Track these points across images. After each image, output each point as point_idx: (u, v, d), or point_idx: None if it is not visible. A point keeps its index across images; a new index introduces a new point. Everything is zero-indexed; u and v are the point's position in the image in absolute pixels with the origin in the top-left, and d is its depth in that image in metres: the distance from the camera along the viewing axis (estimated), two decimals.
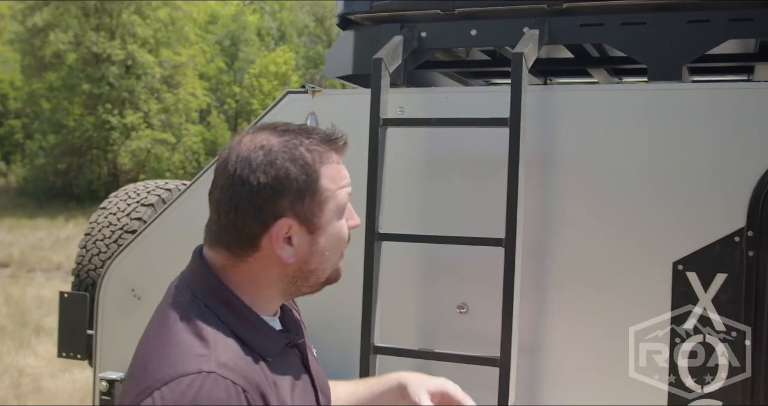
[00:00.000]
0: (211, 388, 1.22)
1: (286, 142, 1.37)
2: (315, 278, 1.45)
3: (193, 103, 26.96)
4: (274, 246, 1.37)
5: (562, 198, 2.48)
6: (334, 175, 1.43)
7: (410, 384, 1.77)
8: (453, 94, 2.64)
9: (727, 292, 2.32)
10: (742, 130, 2.31)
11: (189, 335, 1.30)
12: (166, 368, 1.25)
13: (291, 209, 1.36)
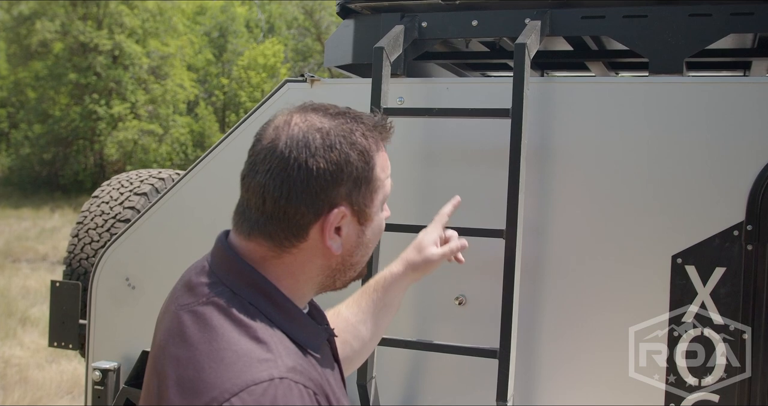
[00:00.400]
0: (286, 395, 1.15)
1: (342, 126, 1.29)
2: (352, 273, 1.38)
3: (180, 95, 26.80)
4: (325, 236, 1.29)
5: (561, 191, 2.48)
6: (384, 164, 1.36)
7: (415, 264, 1.84)
8: (453, 84, 2.64)
9: (725, 286, 2.33)
10: (742, 124, 2.32)
11: (242, 337, 1.21)
12: (232, 377, 1.16)
13: (347, 198, 1.29)
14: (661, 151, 2.39)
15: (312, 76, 2.76)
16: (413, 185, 2.63)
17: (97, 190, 3.83)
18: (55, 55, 25.62)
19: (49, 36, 25.21)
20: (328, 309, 1.79)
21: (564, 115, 2.48)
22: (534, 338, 2.50)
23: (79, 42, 25.21)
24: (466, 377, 2.56)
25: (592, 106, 2.45)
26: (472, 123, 2.55)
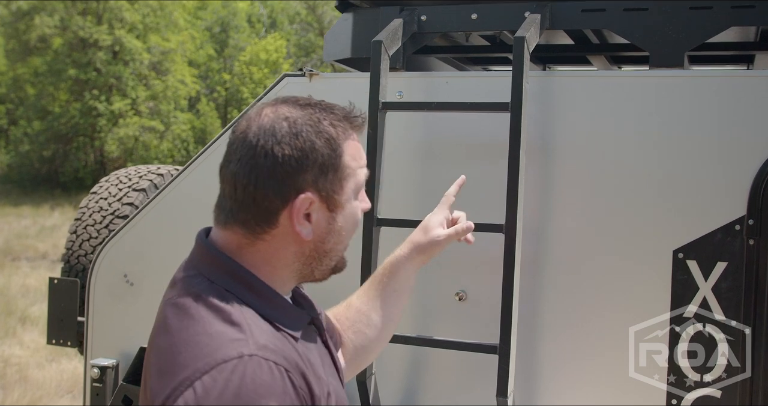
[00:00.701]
0: (255, 371, 1.20)
1: (310, 115, 1.36)
2: (329, 261, 1.43)
3: (182, 91, 26.85)
4: (294, 222, 1.35)
5: (561, 185, 2.50)
6: (355, 152, 1.41)
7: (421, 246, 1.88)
8: (453, 78, 2.66)
9: (727, 280, 2.35)
10: (744, 118, 2.33)
11: (217, 321, 1.27)
12: (203, 356, 1.22)
13: (313, 184, 1.34)
14: (662, 145, 2.40)
15: (311, 70, 2.78)
16: (413, 180, 2.65)
17: (96, 187, 3.86)
18: (55, 50, 25.67)
19: (48, 31, 25.27)
20: (343, 301, 1.87)
21: (564, 110, 2.50)
22: (535, 334, 2.51)
23: (78, 37, 25.26)
24: (467, 374, 2.58)
25: (592, 100, 2.47)
26: (473, 117, 2.57)
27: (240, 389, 1.18)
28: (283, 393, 1.21)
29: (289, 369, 1.24)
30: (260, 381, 1.19)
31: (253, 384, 1.19)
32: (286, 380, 1.23)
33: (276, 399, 1.20)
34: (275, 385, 1.21)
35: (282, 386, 1.22)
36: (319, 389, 1.31)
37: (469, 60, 3.50)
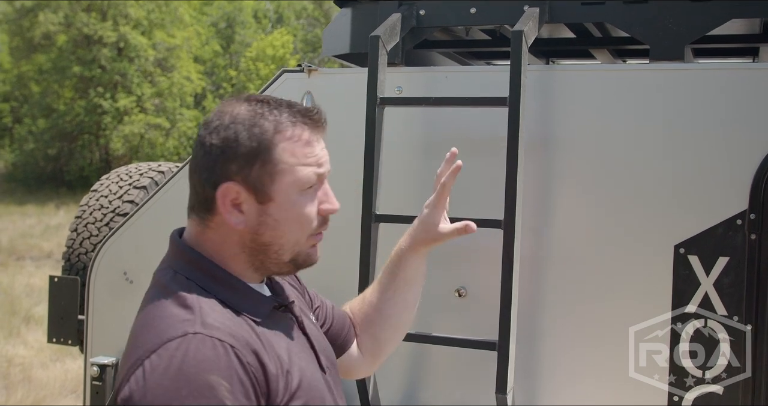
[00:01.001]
0: (198, 348, 1.28)
1: (252, 111, 1.43)
2: (275, 255, 1.47)
3: (187, 87, 26.92)
4: (222, 210, 1.42)
5: (562, 180, 2.51)
6: (296, 150, 1.44)
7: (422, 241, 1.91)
8: (452, 73, 2.68)
9: (729, 276, 2.36)
10: (745, 111, 2.34)
11: (173, 306, 1.37)
12: (154, 338, 1.32)
13: (239, 174, 1.41)
14: (663, 139, 2.41)
15: (309, 65, 2.80)
16: (412, 175, 2.67)
17: (96, 184, 3.89)
18: (59, 47, 25.78)
19: (52, 28, 25.38)
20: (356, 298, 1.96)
21: (564, 104, 2.51)
22: (535, 330, 2.53)
23: (83, 34, 25.36)
24: (468, 371, 2.60)
25: (592, 94, 2.48)
26: (473, 112, 2.58)
27: (183, 364, 1.26)
28: (228, 367, 1.28)
29: (234, 346, 1.31)
30: (202, 357, 1.27)
31: (194, 360, 1.27)
32: (231, 356, 1.29)
33: (219, 373, 1.27)
34: (219, 360, 1.28)
35: (227, 361, 1.29)
36: (276, 368, 1.37)
37: (471, 55, 3.51)
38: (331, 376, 1.59)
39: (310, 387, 1.44)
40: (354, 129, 2.57)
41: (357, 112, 2.54)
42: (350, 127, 2.60)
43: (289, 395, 1.38)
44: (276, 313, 1.50)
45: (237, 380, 1.29)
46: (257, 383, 1.32)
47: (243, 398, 1.29)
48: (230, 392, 1.27)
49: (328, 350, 1.64)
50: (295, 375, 1.41)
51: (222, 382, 1.27)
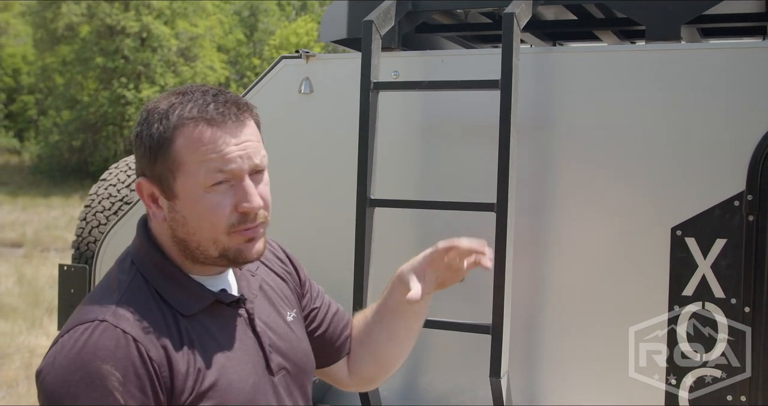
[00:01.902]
0: (100, 336, 1.33)
1: (170, 105, 1.42)
2: (198, 250, 1.46)
3: (211, 77, 27.05)
4: (145, 203, 1.48)
5: (559, 162, 2.53)
6: (197, 147, 1.41)
7: (403, 272, 1.75)
8: (449, 57, 2.70)
9: (726, 258, 2.37)
10: (742, 92, 2.35)
11: (104, 290, 1.43)
12: (74, 318, 1.39)
13: (147, 169, 1.44)
14: (659, 120, 2.43)
15: (307, 52, 2.85)
16: (411, 159, 2.71)
17: (105, 173, 3.97)
18: (82, 38, 26.03)
19: (75, 19, 25.63)
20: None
21: (560, 86, 2.53)
22: (533, 314, 2.56)
23: (105, 25, 25.57)
24: (467, 355, 2.63)
25: (588, 75, 2.50)
26: (470, 96, 2.61)
27: (82, 349, 1.32)
28: (125, 359, 1.32)
29: (138, 339, 1.34)
30: (101, 345, 1.32)
31: (94, 347, 1.32)
32: (132, 348, 1.33)
33: (113, 363, 1.31)
34: (117, 351, 1.32)
35: (125, 353, 1.32)
36: (187, 365, 1.38)
37: (476, 38, 3.53)
38: (285, 378, 1.56)
39: (230, 389, 1.42)
40: (352, 114, 2.60)
41: (355, 97, 2.58)
42: (349, 112, 2.64)
43: (197, 394, 1.38)
44: (221, 308, 1.49)
45: (132, 372, 1.32)
46: (158, 378, 1.34)
47: (136, 391, 1.31)
48: (121, 383, 1.30)
49: (293, 352, 1.60)
50: (210, 375, 1.40)
51: (114, 372, 1.30)
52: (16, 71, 31.01)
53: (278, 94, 2.90)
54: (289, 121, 2.89)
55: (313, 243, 2.84)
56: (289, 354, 1.59)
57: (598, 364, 2.50)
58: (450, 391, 2.68)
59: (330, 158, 2.82)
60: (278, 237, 2.88)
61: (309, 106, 2.86)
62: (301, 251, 2.84)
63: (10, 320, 9.04)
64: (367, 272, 2.52)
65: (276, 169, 2.88)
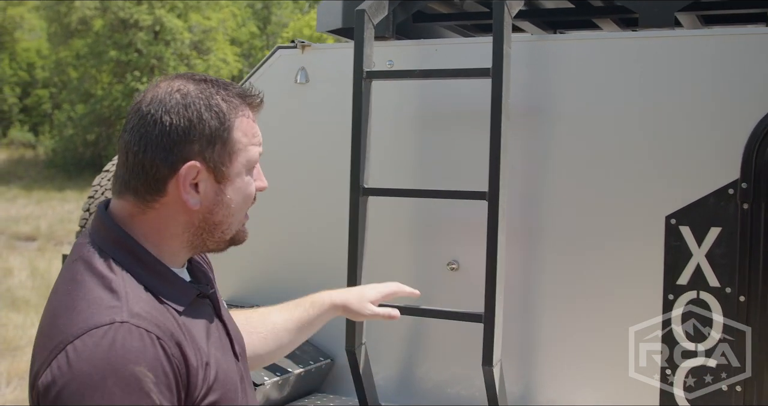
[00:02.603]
0: (125, 337, 1.27)
1: (203, 90, 1.43)
2: (220, 233, 1.49)
3: (224, 70, 27.09)
4: (181, 190, 1.41)
5: (553, 151, 2.54)
6: (247, 129, 1.47)
7: (351, 304, 1.95)
8: (442, 46, 2.71)
9: (721, 246, 2.37)
10: (736, 80, 2.34)
11: (98, 288, 1.35)
12: (78, 322, 1.30)
13: (200, 154, 1.41)
14: (653, 109, 2.43)
15: (302, 42, 2.86)
16: (406, 148, 2.72)
17: (108, 165, 4.00)
18: (96, 32, 26.13)
19: (88, 13, 25.73)
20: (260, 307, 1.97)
21: (553, 75, 2.53)
22: (527, 303, 2.57)
23: (119, 18, 25.65)
24: (461, 343, 2.64)
25: (583, 63, 2.50)
26: (464, 85, 2.61)
27: (109, 353, 1.26)
28: (154, 359, 1.29)
29: (161, 337, 1.31)
30: (129, 347, 1.27)
31: (122, 349, 1.27)
32: (158, 347, 1.30)
33: (146, 364, 1.27)
34: (146, 351, 1.28)
35: (153, 353, 1.29)
36: (197, 360, 1.38)
37: (475, 27, 3.53)
38: (243, 363, 1.60)
39: (226, 379, 1.45)
40: (348, 103, 2.61)
41: (350, 87, 2.59)
42: (344, 101, 2.65)
43: (206, 388, 1.39)
44: (197, 300, 1.50)
45: (162, 371, 1.30)
46: (180, 375, 1.34)
47: (166, 390, 1.30)
48: (155, 384, 1.28)
49: (240, 337, 1.65)
50: (212, 367, 1.42)
51: (148, 373, 1.28)
52: (30, 65, 31.18)
53: (275, 84, 2.92)
54: (285, 111, 2.91)
55: (308, 231, 2.86)
56: (239, 339, 1.64)
57: (592, 353, 2.51)
58: (445, 380, 2.69)
59: (326, 147, 2.83)
60: (274, 225, 2.91)
61: (305, 95, 2.88)
62: (297, 238, 2.88)
63: (22, 312, 9.12)
64: (361, 260, 2.54)
65: (273, 159, 2.92)
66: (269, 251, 2.93)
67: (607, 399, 2.49)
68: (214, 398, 1.40)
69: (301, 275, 2.82)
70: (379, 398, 2.67)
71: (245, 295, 2.95)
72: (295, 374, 2.64)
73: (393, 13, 2.71)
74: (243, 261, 2.95)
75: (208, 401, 1.39)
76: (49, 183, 23.38)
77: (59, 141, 27.63)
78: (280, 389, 2.62)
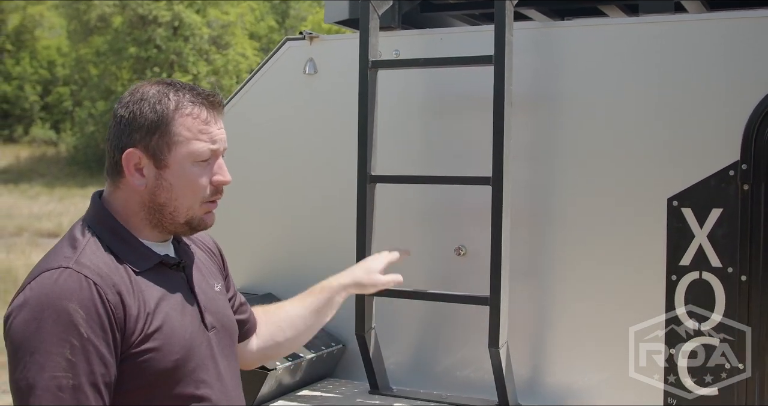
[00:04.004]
0: (66, 279, 1.57)
1: (159, 90, 1.70)
2: (170, 215, 1.74)
3: (243, 64, 27.25)
4: (126, 172, 1.69)
5: (556, 135, 2.59)
6: (192, 126, 1.71)
7: (361, 279, 2.21)
8: (447, 34, 2.77)
9: (722, 227, 2.41)
10: (735, 61, 2.39)
11: (66, 245, 1.66)
12: (39, 268, 1.62)
13: (141, 142, 1.68)
14: (655, 92, 2.48)
15: (310, 33, 2.93)
16: (412, 136, 2.79)
17: None
18: (115, 29, 26.38)
19: (107, 10, 25.98)
20: (277, 302, 2.18)
21: (555, 61, 2.59)
22: (532, 286, 2.63)
23: (137, 15, 25.86)
24: (469, 327, 2.70)
25: (585, 49, 2.55)
26: (469, 73, 2.67)
27: (51, 290, 1.56)
28: (87, 299, 1.56)
29: (98, 283, 1.58)
30: (66, 287, 1.56)
31: (60, 288, 1.56)
32: (93, 291, 1.57)
33: (78, 303, 1.55)
34: (81, 292, 1.56)
35: (88, 294, 1.56)
36: (137, 309, 1.63)
37: (483, 16, 3.58)
38: (217, 336, 1.80)
39: (173, 334, 1.67)
40: (356, 93, 2.68)
41: (357, 77, 2.66)
42: (352, 91, 2.71)
43: (144, 335, 1.62)
44: (165, 269, 1.75)
45: (94, 311, 1.55)
46: (114, 317, 1.58)
47: (97, 327, 1.55)
48: (85, 320, 1.54)
49: (221, 314, 1.85)
50: (156, 320, 1.65)
51: (79, 310, 1.54)
52: (51, 63, 31.45)
53: (284, 75, 2.99)
54: (294, 102, 2.98)
55: (317, 218, 2.93)
56: (218, 315, 1.84)
57: (598, 333, 2.56)
58: (455, 363, 2.76)
59: (335, 137, 2.90)
60: (284, 214, 2.99)
61: (314, 86, 2.95)
62: (307, 225, 2.96)
63: None
64: (369, 246, 2.61)
65: (282, 149, 3.00)
66: (279, 238, 3.01)
67: (613, 379, 2.54)
68: (153, 345, 1.63)
69: (310, 262, 2.89)
70: (390, 382, 2.74)
71: (257, 282, 3.03)
72: (307, 360, 2.72)
73: (399, 3, 2.77)
74: (254, 249, 3.04)
75: (146, 346, 1.62)
76: (71, 180, 23.65)
77: (80, 138, 27.88)
78: (292, 374, 2.69)
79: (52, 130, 30.71)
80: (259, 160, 3.05)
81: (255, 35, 29.92)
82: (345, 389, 2.80)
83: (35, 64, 31.03)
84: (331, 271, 2.83)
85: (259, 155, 3.04)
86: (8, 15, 30.37)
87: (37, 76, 30.82)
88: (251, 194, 3.03)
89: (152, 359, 1.63)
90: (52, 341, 1.52)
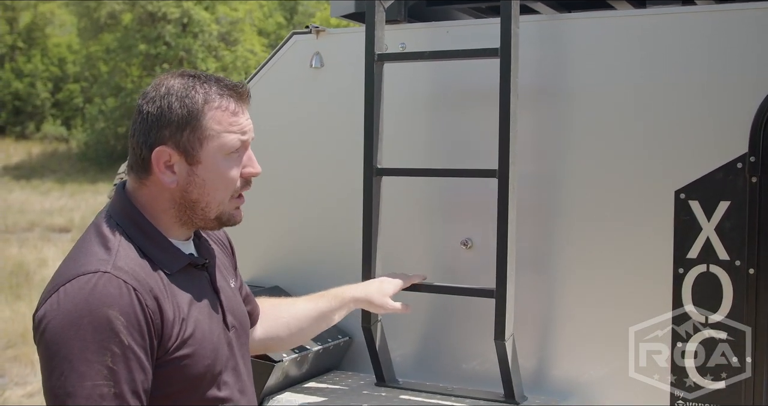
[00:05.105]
0: (105, 285, 1.51)
1: (185, 84, 1.65)
2: (201, 212, 1.70)
3: (251, 60, 27.28)
4: (156, 170, 1.64)
5: (562, 128, 2.57)
6: (222, 119, 1.66)
7: (373, 298, 2.32)
8: (453, 27, 2.75)
9: (730, 220, 2.39)
10: (743, 53, 2.36)
11: (96, 245, 1.60)
12: (73, 269, 1.55)
13: (171, 139, 1.63)
14: (661, 84, 2.45)
15: (317, 27, 2.91)
16: (419, 129, 2.77)
17: None
18: (125, 26, 26.44)
19: (117, 7, 26.03)
20: (289, 297, 2.26)
21: (562, 53, 2.56)
22: (540, 278, 2.61)
23: (147, 12, 25.93)
24: (475, 320, 2.68)
25: (591, 41, 2.53)
26: (475, 65, 2.65)
27: (89, 296, 1.50)
28: (128, 305, 1.51)
29: (137, 289, 1.54)
30: (106, 292, 1.51)
31: (100, 294, 1.50)
32: (133, 296, 1.52)
33: (119, 309, 1.50)
34: (121, 298, 1.51)
35: (128, 300, 1.52)
36: (174, 315, 1.59)
37: (490, 9, 3.56)
38: (236, 335, 1.79)
39: (204, 339, 1.64)
40: (361, 86, 2.66)
41: (363, 70, 2.64)
42: (359, 85, 2.69)
43: (180, 341, 1.59)
44: (191, 269, 1.71)
45: (134, 318, 1.51)
46: (153, 324, 1.54)
47: (137, 334, 1.52)
48: (125, 327, 1.50)
49: (238, 312, 1.84)
50: (190, 325, 1.62)
51: (119, 317, 1.50)
52: (61, 60, 31.55)
53: (290, 69, 2.97)
54: (301, 95, 2.96)
55: (324, 212, 2.92)
56: (236, 314, 1.82)
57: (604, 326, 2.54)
58: (461, 356, 2.74)
59: (341, 129, 2.89)
60: (292, 208, 2.98)
61: (320, 79, 2.93)
62: (314, 219, 2.94)
63: None
64: (376, 239, 2.59)
65: (289, 143, 2.98)
66: (286, 231, 2.99)
67: (619, 372, 2.52)
68: (188, 351, 1.60)
69: (317, 256, 2.88)
70: (396, 374, 2.72)
71: (265, 276, 3.02)
72: (314, 352, 2.70)
73: None
74: (262, 243, 3.02)
75: (182, 353, 1.59)
76: (82, 176, 23.73)
77: (91, 134, 27.99)
78: (299, 366, 2.68)
79: (63, 126, 30.83)
80: (265, 154, 3.01)
81: (263, 32, 29.97)
82: (351, 381, 2.78)
83: (46, 62, 31.16)
84: (337, 264, 2.84)
85: (266, 148, 3.02)
86: (20, 13, 30.49)
87: (48, 74, 30.94)
88: (257, 187, 2.97)
89: (186, 366, 1.61)
90: (92, 349, 1.47)
